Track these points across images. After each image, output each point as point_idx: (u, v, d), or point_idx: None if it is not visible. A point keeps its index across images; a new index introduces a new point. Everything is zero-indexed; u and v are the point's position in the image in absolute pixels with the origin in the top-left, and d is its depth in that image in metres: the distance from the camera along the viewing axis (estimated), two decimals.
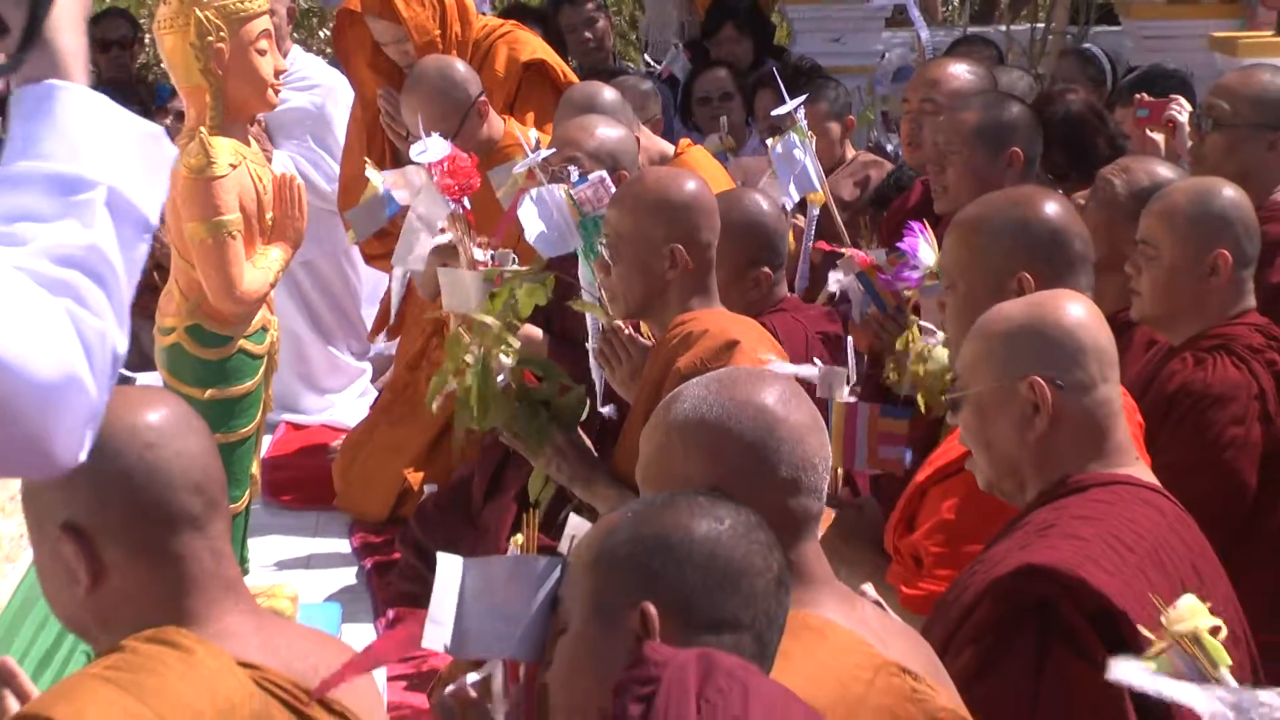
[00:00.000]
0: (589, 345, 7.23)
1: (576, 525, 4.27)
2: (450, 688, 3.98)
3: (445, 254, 8.00)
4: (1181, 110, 8.59)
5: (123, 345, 2.73)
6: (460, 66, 9.54)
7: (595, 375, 7.29)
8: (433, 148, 7.84)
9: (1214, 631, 4.06)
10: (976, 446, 5.37)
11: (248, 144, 7.22)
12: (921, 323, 6.75)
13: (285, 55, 10.59)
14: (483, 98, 9.42)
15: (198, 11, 6.96)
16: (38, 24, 2.78)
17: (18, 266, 2.63)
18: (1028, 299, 5.47)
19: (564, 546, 4.14)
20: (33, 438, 2.62)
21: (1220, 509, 5.72)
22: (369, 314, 11.23)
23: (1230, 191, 6.55)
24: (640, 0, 18.98)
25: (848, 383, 6.12)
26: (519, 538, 4.25)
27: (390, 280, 9.81)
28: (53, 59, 2.80)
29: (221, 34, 7.00)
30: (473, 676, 4.04)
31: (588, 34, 13.72)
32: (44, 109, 2.76)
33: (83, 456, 2.69)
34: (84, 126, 2.76)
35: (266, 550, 8.76)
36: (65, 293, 2.64)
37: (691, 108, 12.64)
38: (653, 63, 14.81)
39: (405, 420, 8.86)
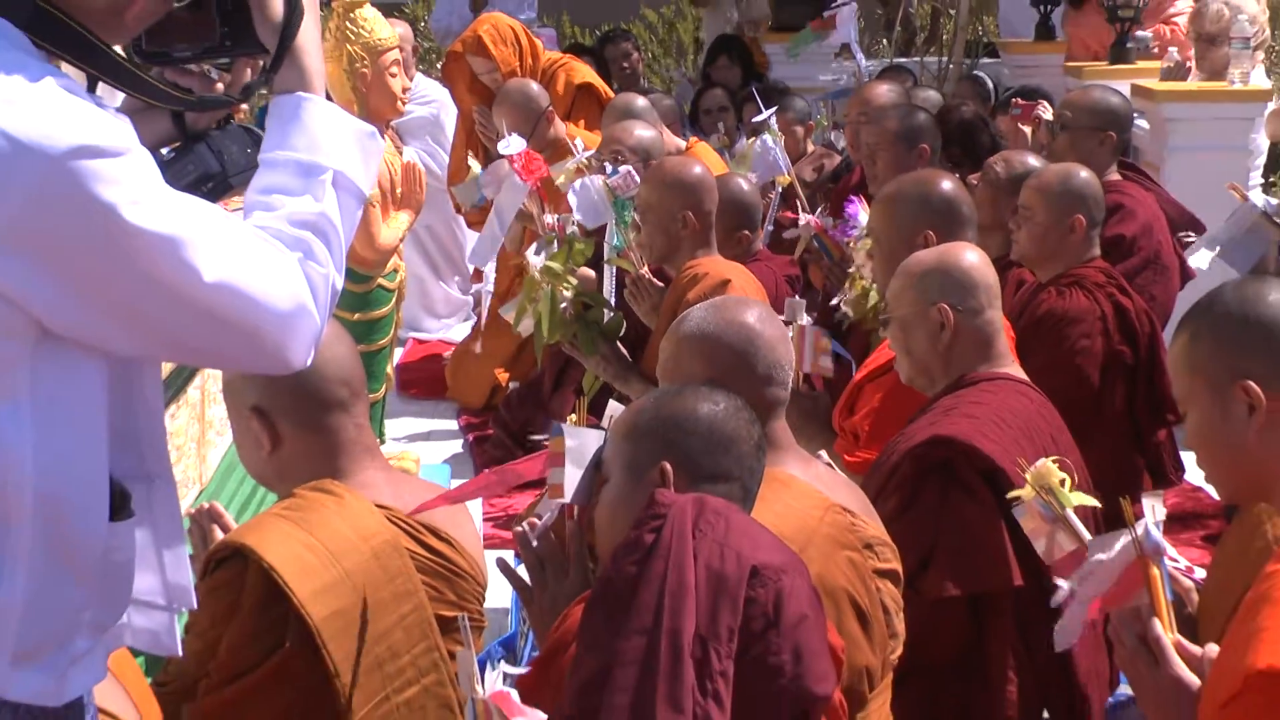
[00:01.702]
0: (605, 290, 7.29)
1: (614, 408, 4.27)
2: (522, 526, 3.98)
3: (524, 218, 8.07)
4: (1045, 110, 8.61)
5: (340, 284, 2.75)
6: (534, 86, 9.54)
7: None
8: (513, 144, 7.90)
9: (1063, 483, 4.03)
10: (900, 353, 5.41)
11: (383, 138, 7.20)
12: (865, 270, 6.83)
13: (411, 79, 10.55)
14: (550, 109, 9.41)
15: (348, 46, 6.97)
16: (285, 48, 2.79)
17: (265, 227, 2.66)
18: (937, 248, 5.53)
19: (605, 423, 4.13)
20: (274, 349, 2.64)
21: (1072, 398, 5.73)
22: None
23: (1085, 174, 6.60)
24: (661, 42, 18.87)
25: (803, 318, 6.15)
26: (574, 417, 4.24)
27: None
28: (301, 75, 2.81)
29: (365, 62, 6.98)
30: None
31: (625, 64, 13.75)
32: (295, 113, 2.77)
33: (309, 362, 2.71)
34: (321, 127, 2.77)
35: (398, 428, 8.76)
36: (299, 247, 2.65)
37: (698, 116, 12.62)
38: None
39: (497, 336, 8.82)
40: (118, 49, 2.69)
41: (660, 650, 2.88)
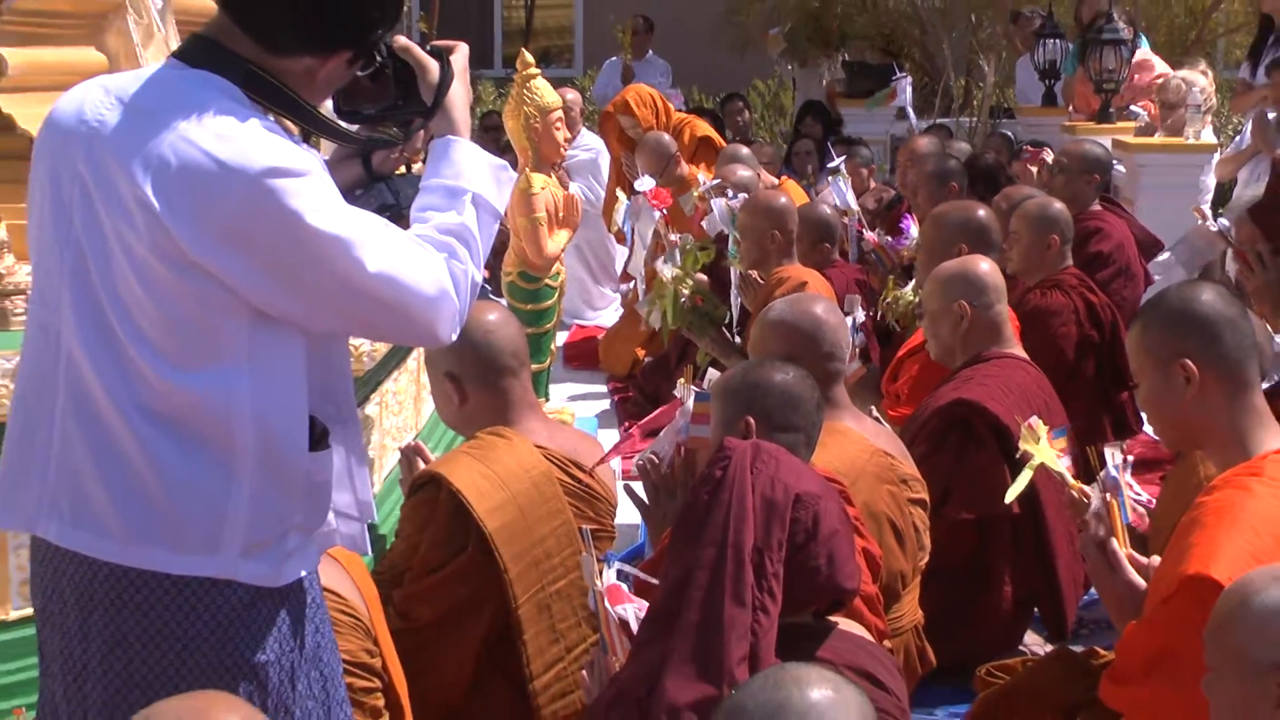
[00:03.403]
0: (734, 289, 7.21)
1: (712, 375, 4.26)
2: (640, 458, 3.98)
3: (655, 236, 8.07)
4: (1048, 156, 8.52)
5: (479, 278, 2.74)
6: (666, 138, 9.49)
7: (734, 306, 7.26)
8: (646, 182, 7.94)
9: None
10: (930, 338, 5.39)
11: (550, 176, 7.17)
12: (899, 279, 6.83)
13: (576, 133, 10.55)
14: (677, 154, 9.37)
15: (525, 107, 6.93)
16: (439, 103, 2.81)
17: (420, 235, 2.68)
18: (959, 259, 5.49)
19: (705, 384, 4.12)
20: (424, 326, 2.64)
21: (1055, 370, 5.63)
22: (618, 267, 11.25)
23: (1058, 205, 6.48)
24: (767, 105, 18.74)
25: (861, 307, 6.10)
26: (683, 381, 4.24)
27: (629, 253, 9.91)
28: (450, 123, 2.83)
29: (536, 119, 6.95)
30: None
31: (739, 119, 13.64)
32: (445, 151, 2.79)
33: (454, 336, 2.70)
34: (465, 161, 2.78)
35: (561, 390, 8.68)
36: (444, 249, 2.66)
37: (791, 160, 12.50)
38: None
39: (636, 323, 8.80)
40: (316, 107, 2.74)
41: (727, 558, 2.89)
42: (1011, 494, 4.01)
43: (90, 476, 2.56)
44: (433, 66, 2.84)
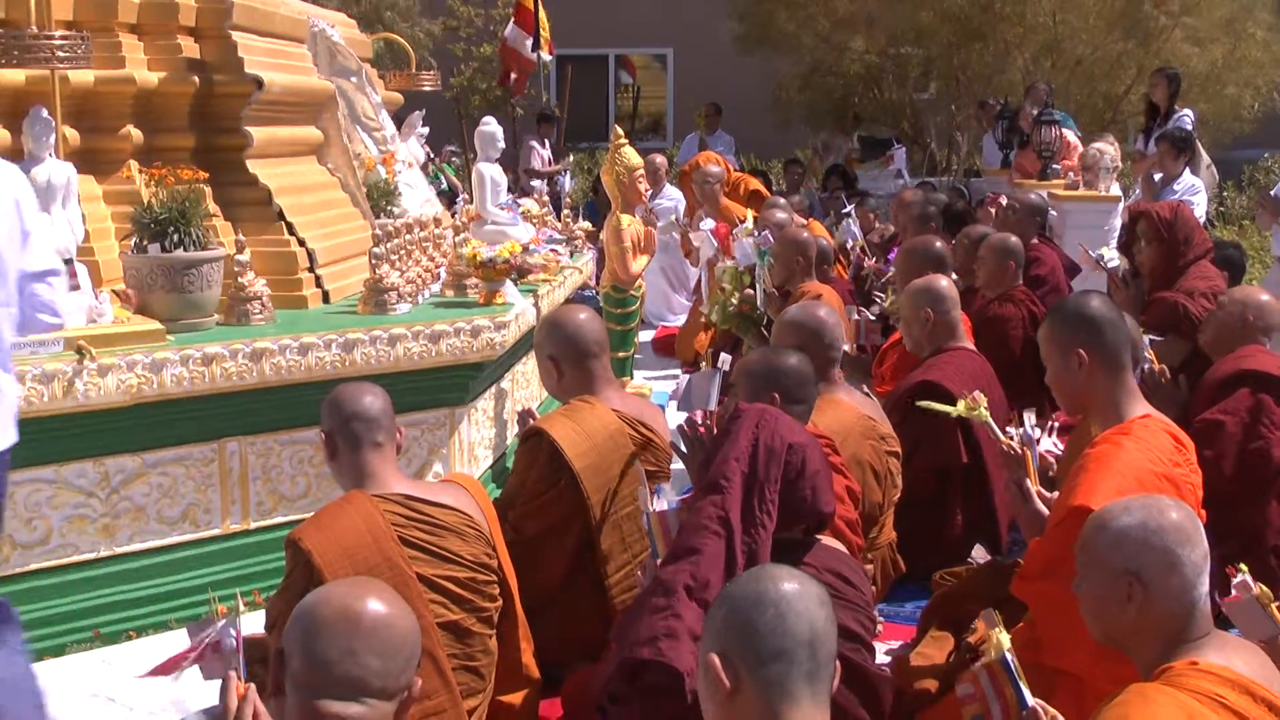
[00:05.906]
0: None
1: (723, 359, 4.22)
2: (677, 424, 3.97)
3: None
4: (1004, 201, 8.38)
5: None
6: (714, 169, 9.45)
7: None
8: (708, 223, 7.89)
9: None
10: (905, 336, 5.30)
11: (634, 216, 7.12)
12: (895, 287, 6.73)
13: (663, 188, 10.52)
14: (719, 186, 9.29)
15: (616, 167, 6.94)
16: None
17: None
18: (926, 277, 5.36)
19: (718, 363, 4.08)
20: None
21: (1004, 362, 5.56)
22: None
23: (1014, 239, 6.34)
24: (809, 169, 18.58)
25: (858, 313, 6.02)
26: (704, 363, 4.23)
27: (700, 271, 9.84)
28: None
29: (625, 175, 6.94)
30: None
31: (796, 176, 13.38)
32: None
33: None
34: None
35: (643, 372, 8.62)
36: None
37: (826, 206, 12.32)
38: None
39: (699, 323, 8.75)
40: None
41: (732, 489, 2.87)
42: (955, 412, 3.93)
43: None
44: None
